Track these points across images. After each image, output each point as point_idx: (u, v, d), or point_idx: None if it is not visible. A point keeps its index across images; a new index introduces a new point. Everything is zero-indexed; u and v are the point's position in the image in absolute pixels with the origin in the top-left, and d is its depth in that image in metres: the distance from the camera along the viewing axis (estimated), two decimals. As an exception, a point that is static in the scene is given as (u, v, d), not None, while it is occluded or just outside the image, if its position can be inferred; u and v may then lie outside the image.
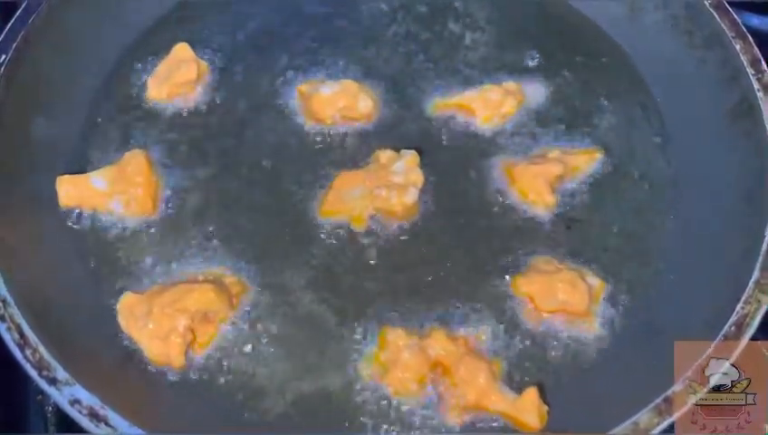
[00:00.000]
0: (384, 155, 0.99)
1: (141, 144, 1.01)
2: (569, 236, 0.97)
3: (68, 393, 0.78)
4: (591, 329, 0.90)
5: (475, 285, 0.93)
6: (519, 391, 0.85)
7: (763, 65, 0.99)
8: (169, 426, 0.82)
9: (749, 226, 0.91)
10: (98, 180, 0.96)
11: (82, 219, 0.96)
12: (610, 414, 0.80)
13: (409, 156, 0.98)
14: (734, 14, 1.03)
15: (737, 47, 1.01)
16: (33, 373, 0.79)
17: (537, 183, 0.98)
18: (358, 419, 0.85)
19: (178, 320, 0.86)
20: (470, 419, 0.85)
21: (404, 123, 1.05)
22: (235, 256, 0.94)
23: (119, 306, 0.88)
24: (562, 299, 0.90)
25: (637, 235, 0.98)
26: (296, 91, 1.06)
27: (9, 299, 0.83)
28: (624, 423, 0.78)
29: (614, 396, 0.85)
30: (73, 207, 0.96)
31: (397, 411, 0.85)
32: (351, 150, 1.02)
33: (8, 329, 0.81)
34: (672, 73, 1.08)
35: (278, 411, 0.86)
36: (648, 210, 1.00)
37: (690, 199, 1.00)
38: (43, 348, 0.80)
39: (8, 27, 1.00)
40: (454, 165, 1.02)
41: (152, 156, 1.00)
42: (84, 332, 0.87)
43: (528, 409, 0.83)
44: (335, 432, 0.85)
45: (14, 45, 0.98)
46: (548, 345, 0.90)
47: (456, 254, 0.96)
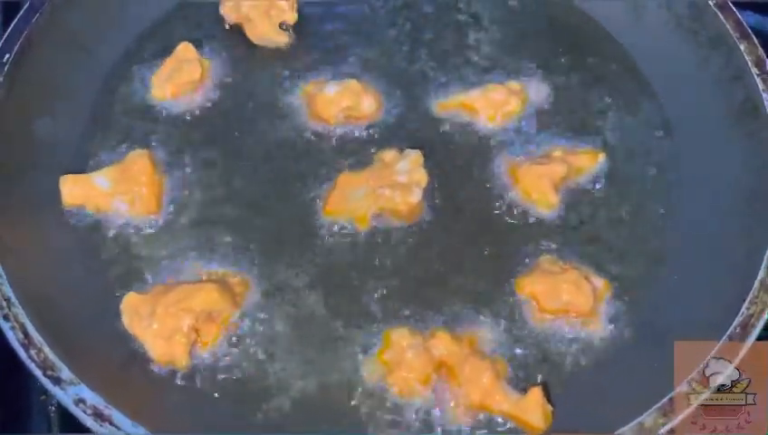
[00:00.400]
0: (388, 155, 1.00)
1: (145, 144, 1.01)
2: (573, 236, 0.97)
3: (72, 393, 0.78)
4: (596, 329, 0.90)
5: (479, 285, 0.93)
6: (523, 391, 0.85)
7: (768, 65, 0.99)
8: (173, 425, 0.82)
9: (753, 226, 0.92)
10: (101, 180, 0.96)
11: (86, 219, 0.96)
12: (615, 415, 0.80)
13: (413, 155, 0.98)
14: (738, 13, 1.03)
15: (741, 47, 1.01)
16: (38, 373, 0.79)
17: (541, 183, 0.98)
18: (362, 419, 0.85)
19: (183, 320, 0.85)
20: (474, 419, 0.85)
21: (408, 123, 1.05)
22: (239, 256, 0.94)
23: (123, 306, 0.87)
24: (567, 299, 0.90)
25: (640, 235, 0.98)
26: (300, 91, 1.06)
27: (13, 299, 0.83)
28: (629, 424, 0.78)
29: (619, 397, 0.85)
30: (77, 207, 0.96)
31: (401, 411, 0.85)
32: (355, 150, 1.02)
33: (12, 328, 0.81)
34: (676, 73, 1.08)
35: (282, 411, 0.86)
36: (652, 210, 1.00)
37: (694, 199, 0.99)
38: (47, 348, 0.80)
39: (11, 27, 1.00)
40: (457, 165, 1.02)
41: (156, 155, 1.00)
42: (88, 331, 0.87)
43: (532, 409, 0.83)
44: (339, 432, 0.85)
45: (17, 45, 0.98)
46: (552, 345, 0.90)
47: (460, 254, 0.96)
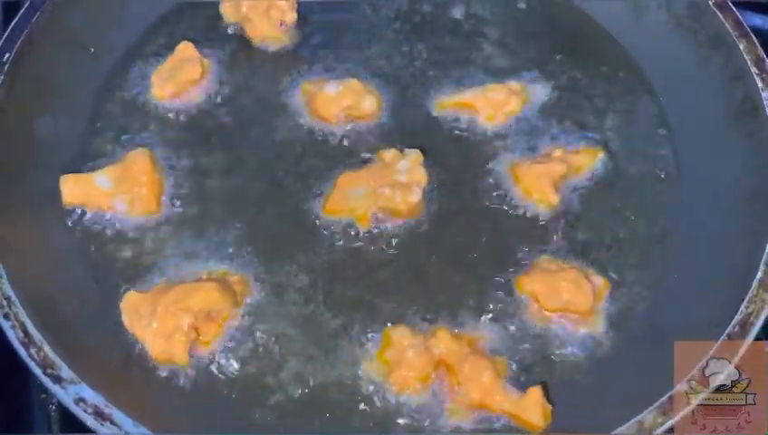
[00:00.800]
0: (388, 154, 1.00)
1: (145, 143, 1.01)
2: (573, 235, 0.97)
3: (73, 392, 0.78)
4: (595, 328, 0.90)
5: (479, 284, 0.93)
6: (523, 390, 0.85)
7: (767, 65, 0.99)
8: (173, 424, 0.82)
9: (752, 225, 0.92)
10: (102, 179, 0.96)
11: (86, 218, 0.96)
12: (615, 413, 0.80)
13: (413, 155, 0.98)
14: (737, 13, 1.03)
15: (741, 47, 1.01)
16: (38, 372, 0.79)
17: (541, 182, 0.98)
18: (362, 417, 0.85)
19: (183, 319, 0.85)
20: (474, 418, 0.85)
21: (408, 122, 1.05)
22: (239, 255, 0.94)
23: (123, 305, 0.87)
24: (566, 298, 0.90)
25: (640, 234, 0.98)
26: (300, 90, 1.06)
27: (13, 297, 0.83)
28: (628, 422, 0.78)
29: (618, 395, 0.85)
30: (77, 206, 0.96)
31: (401, 410, 0.85)
32: (355, 149, 1.02)
33: (12, 327, 0.81)
34: (675, 73, 1.08)
35: (282, 410, 0.86)
36: (652, 209, 1.00)
37: (693, 199, 1.00)
38: (47, 346, 0.80)
39: (12, 26, 1.00)
40: (458, 164, 1.02)
41: (156, 155, 1.00)
42: (88, 330, 0.87)
43: (532, 408, 0.83)
44: (339, 431, 0.85)
45: (17, 44, 0.98)
46: (552, 344, 0.90)
47: (460, 253, 0.96)
